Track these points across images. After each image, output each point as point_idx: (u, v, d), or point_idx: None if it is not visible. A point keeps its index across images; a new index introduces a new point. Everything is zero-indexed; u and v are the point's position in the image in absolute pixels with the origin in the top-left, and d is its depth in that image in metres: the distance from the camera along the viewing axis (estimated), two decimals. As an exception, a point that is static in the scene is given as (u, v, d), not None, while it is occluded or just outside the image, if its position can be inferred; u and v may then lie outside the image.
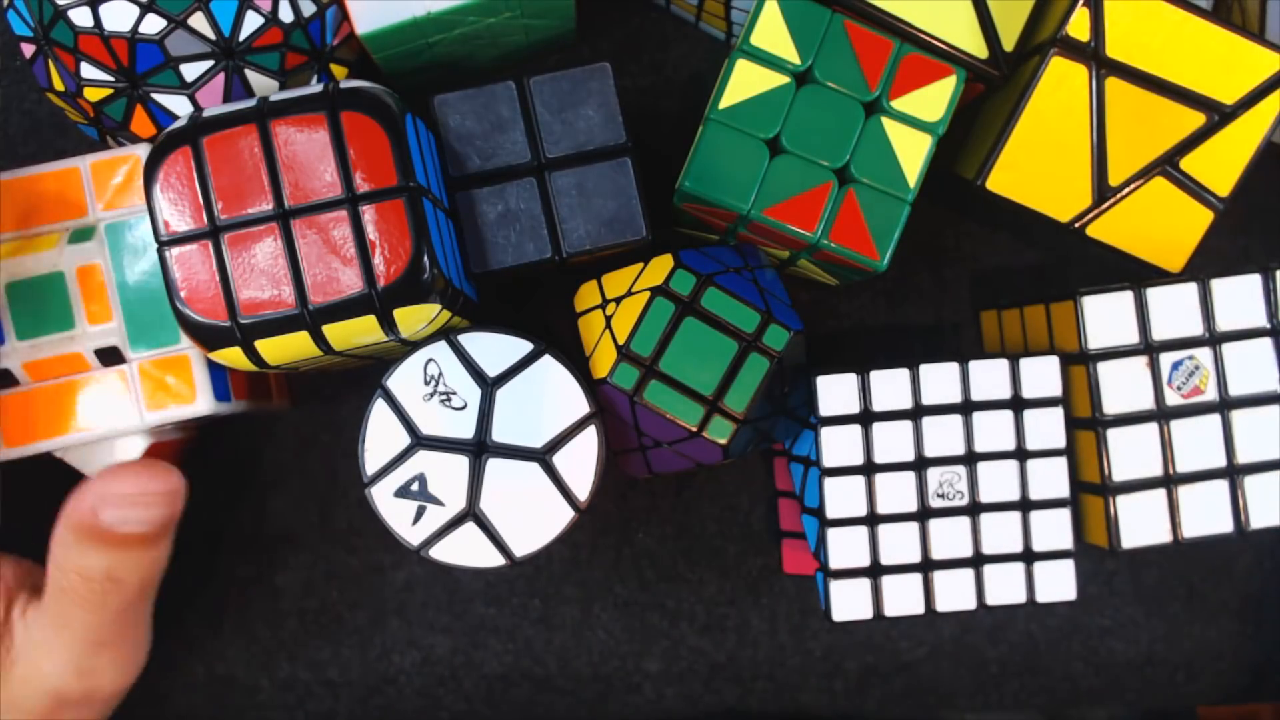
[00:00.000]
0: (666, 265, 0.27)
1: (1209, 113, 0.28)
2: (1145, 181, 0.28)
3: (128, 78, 0.27)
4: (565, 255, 0.28)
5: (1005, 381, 0.28)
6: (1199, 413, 0.28)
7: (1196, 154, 0.28)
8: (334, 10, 0.28)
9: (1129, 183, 0.28)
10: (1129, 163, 0.28)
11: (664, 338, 0.27)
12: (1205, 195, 0.28)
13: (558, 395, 0.27)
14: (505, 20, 0.29)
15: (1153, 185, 0.28)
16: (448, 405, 0.27)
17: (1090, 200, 0.28)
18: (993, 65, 0.28)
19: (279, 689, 0.33)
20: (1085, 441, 0.29)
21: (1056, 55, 0.27)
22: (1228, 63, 0.27)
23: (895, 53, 0.27)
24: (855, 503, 0.28)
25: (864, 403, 0.28)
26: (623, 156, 0.28)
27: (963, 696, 0.34)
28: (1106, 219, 0.28)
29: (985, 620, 0.34)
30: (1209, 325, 0.28)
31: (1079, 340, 0.28)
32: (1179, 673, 0.34)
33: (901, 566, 0.28)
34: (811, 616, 0.34)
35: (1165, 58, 0.27)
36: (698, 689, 0.34)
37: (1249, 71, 0.27)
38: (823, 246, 0.27)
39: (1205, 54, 0.27)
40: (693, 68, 0.34)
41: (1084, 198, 0.28)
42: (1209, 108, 0.28)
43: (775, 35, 0.27)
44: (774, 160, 0.27)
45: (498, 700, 0.34)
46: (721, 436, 0.27)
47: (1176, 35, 0.27)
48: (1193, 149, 0.28)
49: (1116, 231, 0.28)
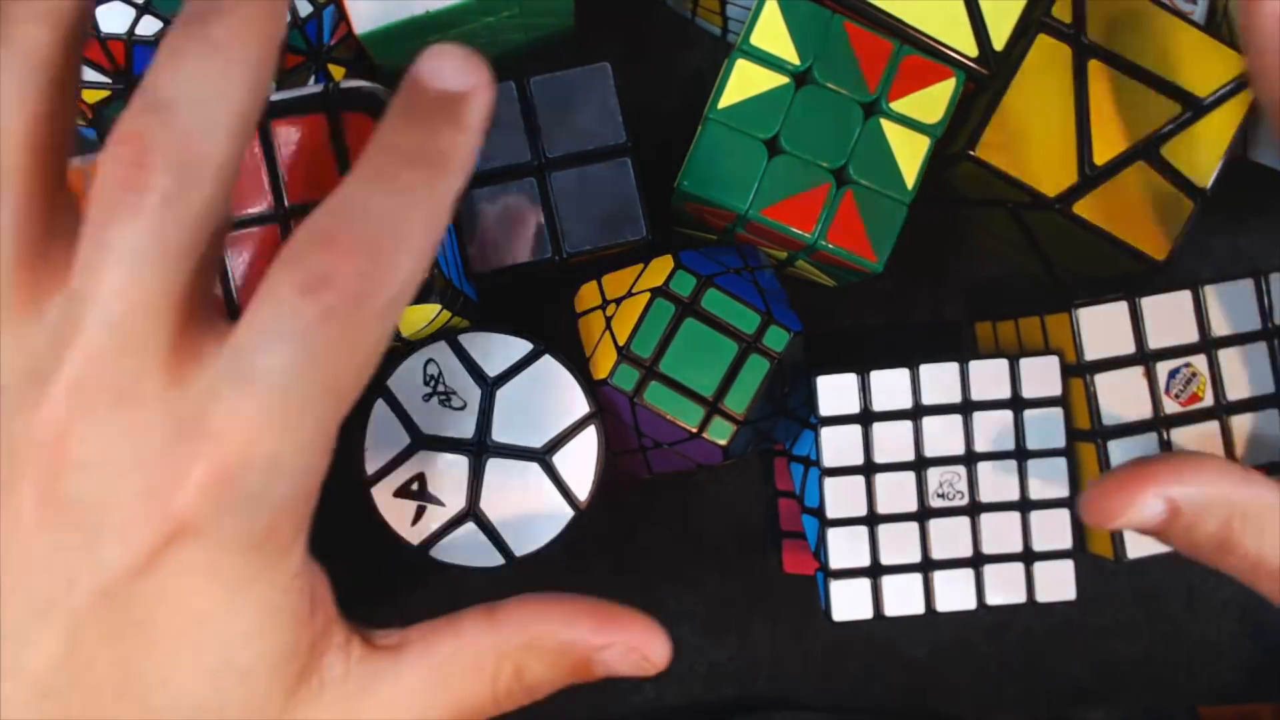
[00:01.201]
0: (666, 266, 0.27)
1: (1184, 104, 0.28)
2: (1129, 165, 0.28)
3: (125, 80, 0.27)
4: (565, 255, 0.28)
5: (1005, 381, 0.28)
6: (1197, 419, 0.28)
7: (1176, 143, 0.28)
8: (331, 10, 0.28)
9: (1113, 164, 0.28)
10: (1112, 144, 0.28)
11: (664, 339, 0.27)
12: (1186, 184, 0.28)
13: (558, 395, 0.27)
14: (505, 20, 0.29)
15: (1136, 170, 0.28)
16: (448, 405, 0.27)
17: (1075, 178, 0.28)
18: (983, 64, 0.28)
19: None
20: (1087, 454, 0.29)
21: (1042, 34, 0.28)
22: (1202, 60, 0.28)
23: (895, 54, 0.27)
24: (855, 503, 0.28)
25: (864, 403, 0.28)
26: (623, 156, 0.28)
27: (963, 696, 0.34)
28: (1092, 199, 0.28)
29: (985, 620, 0.34)
30: (1204, 332, 0.28)
31: (1075, 352, 0.28)
32: (1179, 673, 0.34)
33: (901, 566, 0.28)
34: (811, 616, 0.34)
35: (1143, 48, 0.28)
36: (698, 689, 0.34)
37: (1221, 69, 0.28)
38: (820, 247, 0.27)
39: (1181, 50, 0.28)
40: (693, 67, 0.34)
41: (1069, 174, 0.28)
42: (1184, 100, 0.28)
43: (775, 35, 0.27)
44: (772, 160, 0.27)
45: (498, 700, 0.34)
46: (722, 437, 0.27)
47: (1154, 30, 0.28)
48: (1172, 138, 0.28)
49: (1102, 212, 0.28)
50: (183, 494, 0.18)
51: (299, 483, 0.19)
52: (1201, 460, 0.23)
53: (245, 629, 0.19)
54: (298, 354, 0.18)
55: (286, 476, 0.18)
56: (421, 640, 0.21)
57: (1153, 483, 0.22)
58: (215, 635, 0.19)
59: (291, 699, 0.20)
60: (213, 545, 0.18)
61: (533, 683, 0.21)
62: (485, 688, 0.21)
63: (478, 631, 0.21)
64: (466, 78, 0.18)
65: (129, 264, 0.18)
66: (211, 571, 0.18)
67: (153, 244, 0.18)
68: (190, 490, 0.18)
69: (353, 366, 0.18)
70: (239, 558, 0.19)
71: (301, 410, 0.18)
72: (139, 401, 0.18)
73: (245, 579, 0.19)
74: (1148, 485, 0.22)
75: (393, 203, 0.18)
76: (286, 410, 0.18)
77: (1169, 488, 0.22)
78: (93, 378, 0.18)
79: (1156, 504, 0.22)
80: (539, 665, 0.21)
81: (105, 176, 0.18)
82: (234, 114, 0.18)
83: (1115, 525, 0.23)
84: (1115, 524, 0.23)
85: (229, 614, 0.19)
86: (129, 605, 0.18)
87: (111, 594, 0.18)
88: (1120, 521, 0.23)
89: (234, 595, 0.19)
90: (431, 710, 0.21)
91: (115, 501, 0.18)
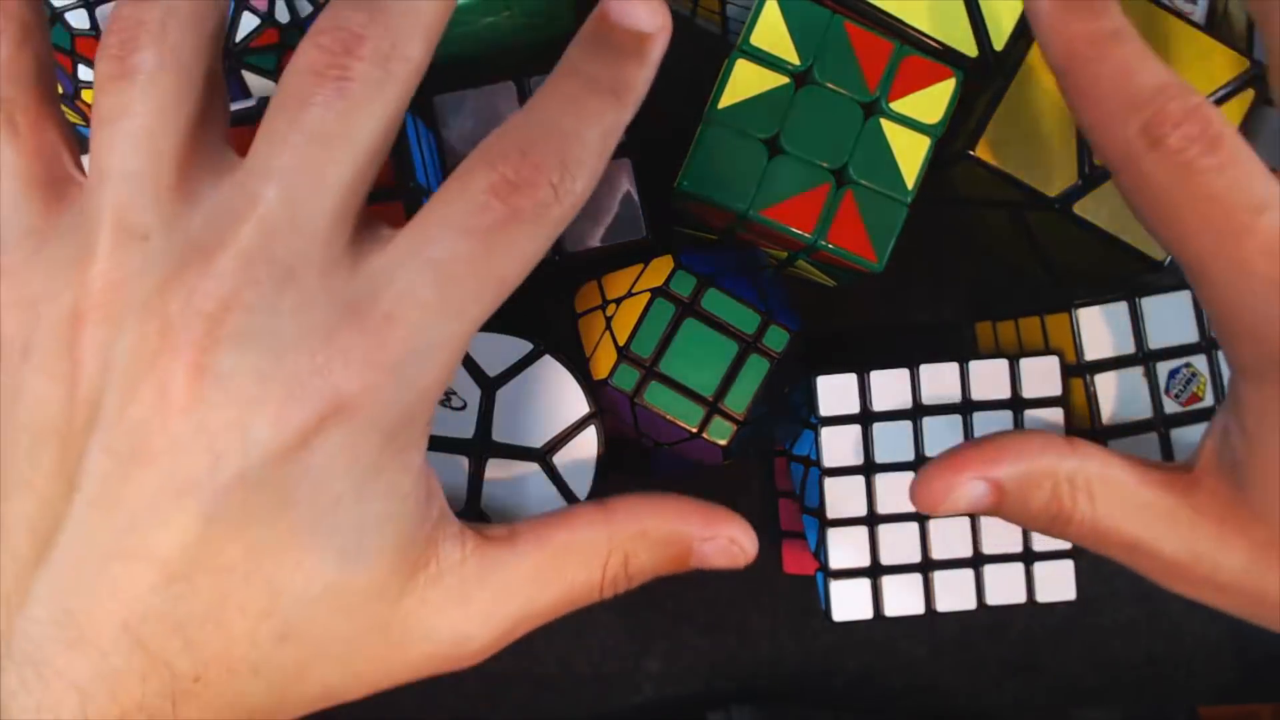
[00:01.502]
0: (667, 266, 0.27)
1: None
2: None
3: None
4: (565, 255, 0.28)
5: (1005, 381, 0.28)
6: (1197, 419, 0.28)
7: None
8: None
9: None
10: None
11: (664, 339, 0.27)
12: None
13: (558, 395, 0.27)
14: (505, 20, 0.29)
15: None
16: (447, 405, 0.27)
17: (1075, 178, 0.28)
18: (983, 64, 0.28)
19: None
20: None
21: None
22: (1202, 61, 0.28)
23: (895, 54, 0.27)
24: (855, 503, 0.28)
25: (864, 403, 0.28)
26: (622, 157, 0.28)
27: (963, 696, 0.34)
28: (1092, 199, 0.28)
29: (985, 620, 0.34)
30: (1204, 332, 0.28)
31: (1075, 352, 0.28)
32: (1179, 673, 0.34)
33: (901, 566, 0.28)
34: (811, 616, 0.34)
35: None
36: (698, 689, 0.34)
37: (1221, 69, 0.28)
38: (820, 247, 0.27)
39: (1181, 50, 0.28)
40: (693, 67, 0.34)
41: (1069, 174, 0.28)
42: None
43: (775, 35, 0.27)
44: (772, 161, 0.27)
45: (498, 700, 0.34)
46: (722, 437, 0.27)
47: (1154, 30, 0.28)
48: None
49: (1102, 212, 0.28)
50: (346, 371, 0.18)
51: (443, 375, 0.20)
52: (1023, 437, 0.24)
53: (376, 514, 0.20)
54: (481, 248, 0.19)
55: (438, 366, 0.19)
56: (534, 532, 0.22)
57: (969, 467, 0.23)
58: (349, 519, 0.19)
59: (410, 582, 0.20)
60: (359, 428, 0.19)
61: (635, 571, 0.23)
62: (595, 575, 0.22)
63: (592, 523, 0.23)
64: (655, 18, 0.21)
65: (316, 144, 0.19)
66: (352, 456, 0.19)
67: (343, 128, 0.19)
68: (355, 368, 0.18)
69: (517, 269, 0.20)
70: (377, 444, 0.19)
71: (469, 302, 0.19)
72: (307, 278, 0.19)
73: (379, 466, 0.19)
74: (964, 469, 0.23)
75: (580, 125, 0.20)
76: (461, 300, 0.19)
77: (988, 470, 0.23)
78: (263, 251, 0.18)
79: (978, 485, 0.23)
80: (645, 555, 0.23)
81: (305, 63, 0.19)
82: (428, 23, 0.19)
83: (943, 510, 0.23)
84: (943, 509, 0.23)
85: (363, 499, 0.19)
86: (270, 487, 0.18)
87: (256, 474, 0.18)
88: (946, 506, 0.23)
89: (368, 481, 0.19)
90: (544, 594, 0.22)
91: (274, 377, 0.18)
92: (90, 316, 0.19)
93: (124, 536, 0.18)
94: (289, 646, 0.19)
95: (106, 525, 0.18)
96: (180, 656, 0.18)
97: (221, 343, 0.18)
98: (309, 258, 0.19)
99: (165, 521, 0.18)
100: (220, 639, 0.19)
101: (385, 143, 0.20)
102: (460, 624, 0.21)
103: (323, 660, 0.20)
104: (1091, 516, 0.23)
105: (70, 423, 0.19)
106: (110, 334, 0.19)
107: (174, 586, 0.18)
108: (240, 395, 0.18)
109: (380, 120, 0.19)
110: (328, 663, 0.20)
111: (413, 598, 0.21)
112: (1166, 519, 0.23)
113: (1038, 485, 0.23)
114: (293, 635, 0.19)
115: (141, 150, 0.19)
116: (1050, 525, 0.23)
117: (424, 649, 0.21)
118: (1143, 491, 0.23)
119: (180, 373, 0.18)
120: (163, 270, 0.19)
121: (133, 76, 0.19)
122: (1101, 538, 0.23)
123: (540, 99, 0.20)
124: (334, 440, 0.19)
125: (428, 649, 0.21)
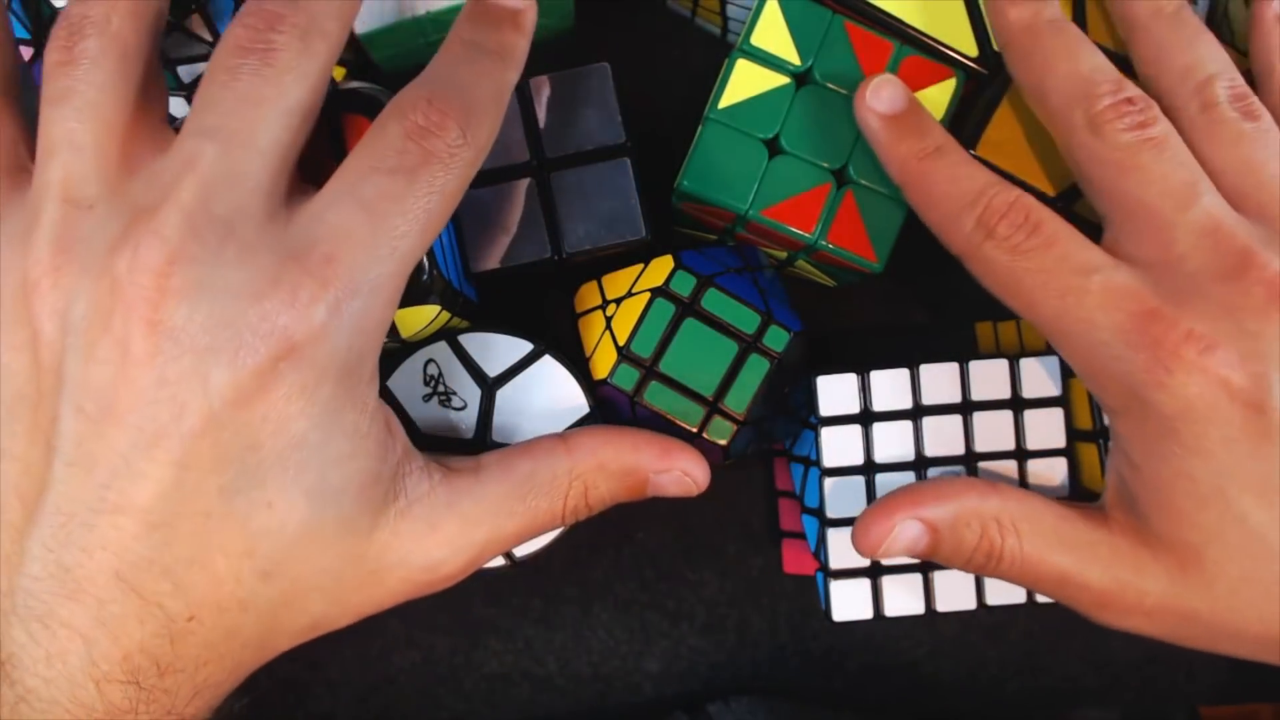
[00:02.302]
0: (667, 266, 0.27)
1: None
2: None
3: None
4: (565, 255, 0.28)
5: (1005, 381, 0.28)
6: None
7: None
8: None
9: None
10: None
11: (664, 339, 0.27)
12: None
13: (558, 395, 0.27)
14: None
15: None
16: (448, 405, 0.27)
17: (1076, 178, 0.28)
18: (983, 64, 0.28)
19: (278, 688, 0.33)
20: (1087, 454, 0.29)
21: None
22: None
23: (895, 54, 0.27)
24: (855, 502, 0.28)
25: (864, 403, 0.28)
26: (622, 156, 0.28)
27: (963, 696, 0.34)
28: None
29: (985, 620, 0.34)
30: None
31: None
32: (1179, 673, 0.34)
33: (901, 566, 0.28)
34: (811, 616, 0.34)
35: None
36: (698, 689, 0.34)
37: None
38: (820, 247, 0.27)
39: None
40: (693, 67, 0.34)
41: (1070, 174, 0.28)
42: None
43: (775, 35, 0.27)
44: (773, 161, 0.27)
45: (498, 700, 0.34)
46: (722, 437, 0.27)
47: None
48: None
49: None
50: (292, 312, 0.19)
51: (384, 315, 0.21)
52: (950, 481, 0.25)
53: (338, 452, 0.21)
54: (404, 185, 0.21)
55: (379, 305, 0.21)
56: (498, 464, 0.24)
57: (900, 509, 0.24)
58: (313, 458, 0.20)
59: (381, 516, 0.22)
60: (312, 368, 0.20)
61: (595, 500, 0.24)
62: (557, 503, 0.24)
63: (553, 455, 0.24)
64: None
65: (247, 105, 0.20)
66: (309, 397, 0.20)
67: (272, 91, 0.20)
68: (301, 309, 0.20)
69: (439, 207, 0.21)
70: (332, 383, 0.20)
71: (399, 238, 0.21)
72: (246, 230, 0.20)
73: (337, 407, 0.21)
74: (896, 512, 0.24)
75: (476, 79, 0.22)
76: (392, 236, 0.20)
77: (919, 510, 0.24)
78: (203, 206, 0.20)
79: (913, 526, 0.24)
80: (604, 485, 0.24)
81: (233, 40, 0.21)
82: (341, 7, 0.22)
83: (884, 554, 0.25)
84: (883, 552, 0.25)
85: (324, 439, 0.20)
86: (234, 431, 0.20)
87: (220, 420, 0.19)
88: (886, 549, 0.25)
89: (327, 420, 0.20)
90: (510, 522, 0.23)
91: (225, 325, 0.19)
92: (43, 284, 0.20)
93: (104, 491, 0.19)
94: (274, 582, 0.21)
95: (87, 482, 0.19)
96: (171, 599, 0.20)
97: (171, 296, 0.19)
98: (247, 211, 0.20)
99: (141, 473, 0.19)
100: (206, 579, 0.20)
101: (312, 106, 0.21)
102: (432, 551, 0.22)
103: (307, 593, 0.21)
104: (1020, 553, 0.24)
105: (39, 388, 0.20)
106: (64, 299, 0.20)
107: (156, 533, 0.19)
108: (195, 345, 0.19)
109: (304, 85, 0.21)
110: (312, 595, 0.21)
111: (385, 530, 0.22)
112: (1089, 551, 0.24)
113: (966, 525, 0.24)
114: (275, 572, 0.21)
115: (86, 124, 0.20)
116: (985, 564, 0.24)
117: (400, 575, 0.22)
118: (1063, 526, 0.24)
119: (135, 328, 0.19)
120: (109, 234, 0.20)
121: (78, 61, 0.20)
122: (1031, 571, 0.24)
123: (438, 61, 0.22)
124: (289, 381, 0.20)
125: (403, 575, 0.22)
